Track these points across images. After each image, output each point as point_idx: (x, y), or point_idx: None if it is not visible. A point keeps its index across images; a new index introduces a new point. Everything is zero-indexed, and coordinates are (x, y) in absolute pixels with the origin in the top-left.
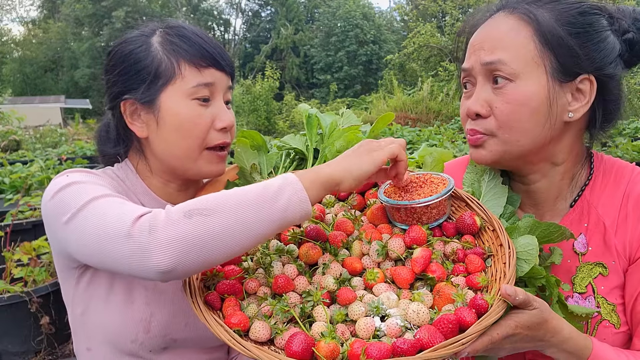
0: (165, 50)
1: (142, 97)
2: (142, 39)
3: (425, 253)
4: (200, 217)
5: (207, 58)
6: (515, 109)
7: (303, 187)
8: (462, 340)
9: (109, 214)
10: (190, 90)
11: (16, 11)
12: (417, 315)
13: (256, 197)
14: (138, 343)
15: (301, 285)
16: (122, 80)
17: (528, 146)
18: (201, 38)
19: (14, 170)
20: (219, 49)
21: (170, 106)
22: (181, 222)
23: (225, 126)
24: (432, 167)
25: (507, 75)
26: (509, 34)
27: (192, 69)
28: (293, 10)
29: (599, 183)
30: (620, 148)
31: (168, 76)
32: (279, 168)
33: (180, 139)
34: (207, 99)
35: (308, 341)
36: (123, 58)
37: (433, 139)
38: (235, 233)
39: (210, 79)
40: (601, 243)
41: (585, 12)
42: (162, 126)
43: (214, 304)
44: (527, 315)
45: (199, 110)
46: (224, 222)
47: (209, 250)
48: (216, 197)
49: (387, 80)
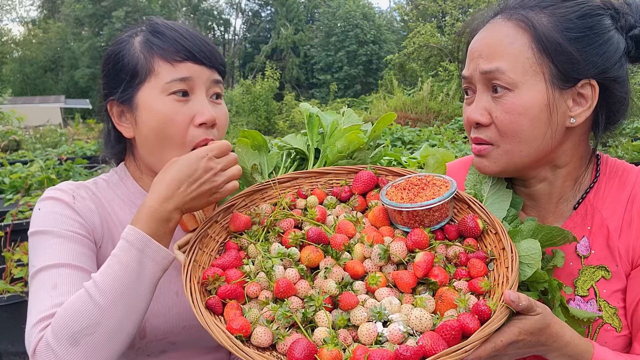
0: (142, 49)
1: (121, 96)
2: (125, 39)
3: (428, 257)
4: (86, 338)
5: (181, 52)
6: (515, 119)
7: (156, 245)
8: (465, 348)
9: (32, 307)
10: (165, 86)
11: (16, 11)
12: (420, 321)
13: (126, 284)
14: (135, 349)
15: (303, 289)
16: (106, 82)
17: (531, 156)
18: (177, 32)
19: (14, 170)
20: (199, 41)
21: (146, 104)
22: (71, 354)
23: (204, 121)
24: (434, 169)
25: (506, 85)
26: (507, 41)
27: (166, 64)
28: (293, 10)
29: (603, 186)
30: (620, 148)
31: (143, 74)
32: (280, 168)
33: (159, 137)
34: (185, 93)
35: (310, 348)
36: (107, 59)
37: (433, 139)
38: (124, 327)
39: (187, 73)
40: (604, 246)
41: (586, 14)
42: (140, 124)
43: (215, 308)
44: (530, 321)
45: (175, 106)
46: (110, 327)
47: (106, 354)
48: (91, 301)
49: (387, 80)
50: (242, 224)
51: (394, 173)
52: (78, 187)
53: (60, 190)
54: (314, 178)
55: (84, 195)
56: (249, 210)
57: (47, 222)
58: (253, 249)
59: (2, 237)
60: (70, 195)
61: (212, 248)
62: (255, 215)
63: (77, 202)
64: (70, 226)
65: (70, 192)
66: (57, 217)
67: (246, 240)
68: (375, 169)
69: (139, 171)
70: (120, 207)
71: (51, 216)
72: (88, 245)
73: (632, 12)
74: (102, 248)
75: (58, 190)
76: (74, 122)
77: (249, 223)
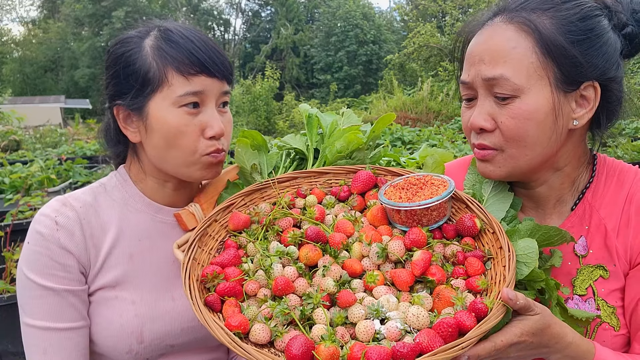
0: (154, 55)
1: (131, 103)
2: (135, 41)
3: (425, 256)
4: None
5: (196, 65)
6: (521, 124)
7: None
8: (462, 345)
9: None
10: (178, 99)
11: (16, 11)
12: (417, 318)
13: None
14: (133, 353)
15: (301, 287)
16: (114, 83)
17: (536, 159)
18: (192, 42)
19: (14, 170)
20: (212, 52)
21: (158, 114)
22: None
23: (214, 135)
24: (433, 169)
25: (511, 92)
26: (509, 45)
27: (180, 77)
28: (293, 10)
29: (601, 186)
30: (620, 148)
31: (156, 83)
32: (279, 168)
33: (170, 147)
34: (196, 104)
35: (308, 344)
36: (116, 60)
37: (433, 139)
38: None
39: (200, 87)
40: (602, 246)
41: (586, 16)
42: (150, 133)
43: (214, 305)
44: (530, 322)
45: (186, 119)
46: None
47: None
48: None
49: (387, 80)
50: (241, 222)
51: (393, 173)
52: (64, 204)
53: (45, 217)
54: (313, 178)
55: (69, 215)
56: (248, 210)
57: (33, 266)
58: (252, 248)
59: (2, 237)
60: (53, 222)
61: (211, 247)
62: (254, 215)
63: (60, 229)
64: (54, 273)
65: (53, 217)
66: (41, 260)
67: (245, 238)
68: (374, 169)
69: (142, 173)
70: (116, 211)
71: (35, 258)
72: (73, 291)
73: (624, 10)
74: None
75: (43, 218)
76: (74, 122)
77: (248, 222)
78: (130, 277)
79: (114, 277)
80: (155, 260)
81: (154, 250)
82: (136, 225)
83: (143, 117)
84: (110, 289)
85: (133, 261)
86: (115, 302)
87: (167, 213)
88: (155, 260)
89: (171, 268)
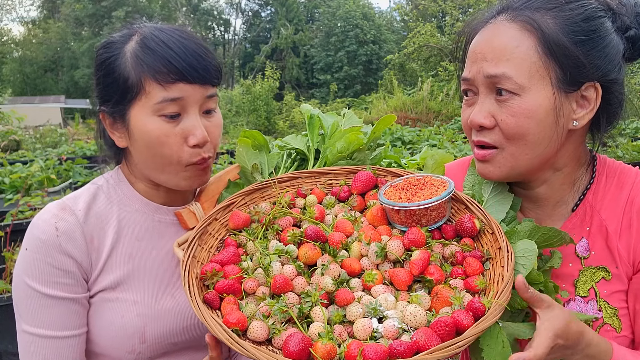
0: (132, 63)
1: (113, 111)
2: (117, 47)
3: (424, 255)
4: None
5: (173, 73)
6: (521, 122)
7: None
8: (459, 343)
9: None
10: (156, 107)
11: (16, 11)
12: (415, 317)
13: None
14: (136, 353)
15: (300, 285)
16: (99, 89)
17: (536, 159)
18: (169, 49)
19: (14, 170)
20: (193, 57)
21: (138, 123)
22: None
23: (197, 143)
24: (433, 170)
25: (512, 90)
26: (512, 44)
27: (157, 85)
28: (293, 10)
29: (601, 187)
30: (620, 148)
31: (134, 92)
32: (280, 168)
33: (153, 156)
34: (175, 115)
35: (305, 342)
36: (100, 65)
37: (433, 139)
38: None
39: (178, 94)
40: (604, 247)
41: (590, 17)
42: (134, 141)
43: (212, 303)
44: (554, 319)
45: (167, 127)
46: None
47: None
48: None
49: (387, 80)
50: (241, 221)
51: (393, 173)
52: (63, 209)
53: (44, 223)
54: (313, 178)
55: (69, 219)
56: (249, 209)
57: (34, 274)
58: (251, 246)
59: (2, 237)
60: (53, 228)
61: (211, 245)
62: (254, 214)
63: (60, 235)
64: (57, 280)
65: (53, 222)
66: (43, 268)
67: (245, 237)
68: (374, 170)
69: (132, 176)
70: (114, 212)
71: (36, 265)
72: (75, 299)
73: (627, 12)
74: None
75: (42, 224)
76: (74, 122)
77: (248, 221)
78: (131, 277)
79: (114, 279)
80: (155, 260)
81: (153, 250)
82: (135, 225)
83: (126, 125)
84: (111, 291)
85: (133, 261)
86: (117, 303)
87: (166, 212)
88: (155, 260)
89: (171, 266)
